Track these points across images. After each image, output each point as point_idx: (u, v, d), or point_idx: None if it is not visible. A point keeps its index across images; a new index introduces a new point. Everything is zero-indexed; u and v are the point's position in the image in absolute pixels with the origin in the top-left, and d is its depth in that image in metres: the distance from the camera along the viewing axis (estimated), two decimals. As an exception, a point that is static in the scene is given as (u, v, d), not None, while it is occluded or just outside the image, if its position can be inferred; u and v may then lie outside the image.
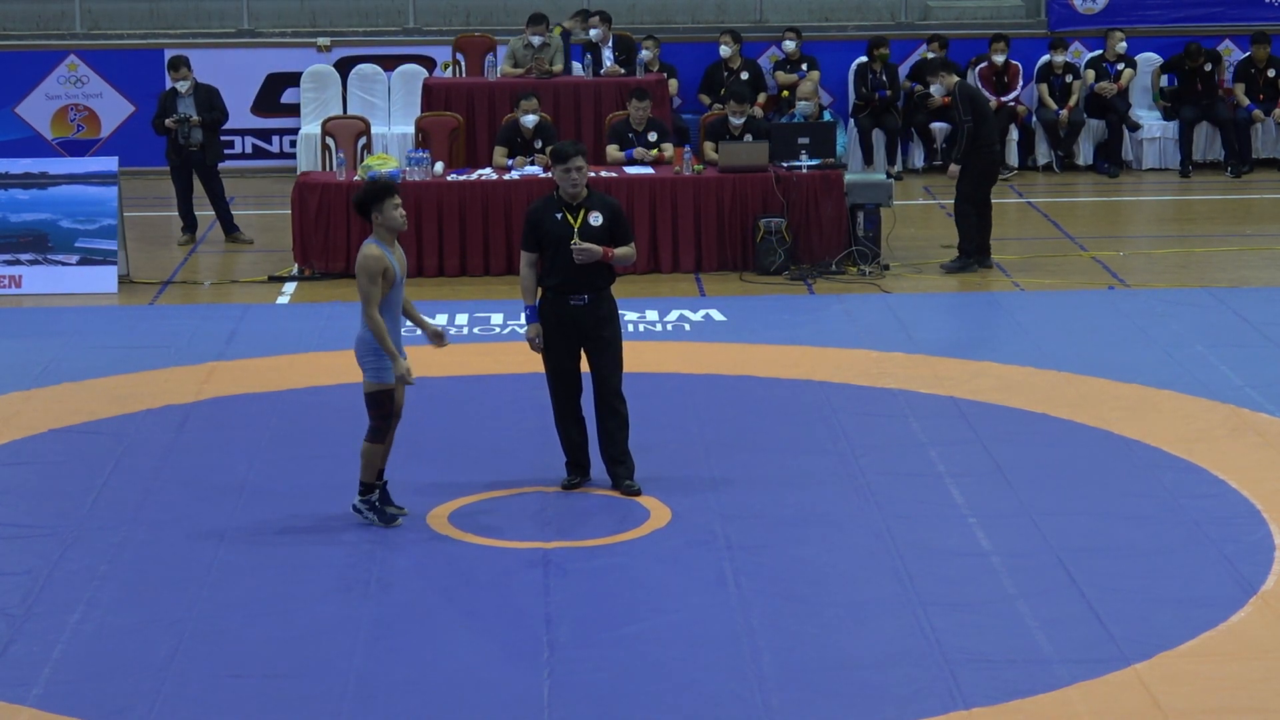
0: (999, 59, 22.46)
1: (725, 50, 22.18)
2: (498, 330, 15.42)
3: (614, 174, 17.74)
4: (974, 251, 17.56)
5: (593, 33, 21.44)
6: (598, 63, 21.37)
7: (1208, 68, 22.76)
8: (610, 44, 21.48)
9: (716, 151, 18.03)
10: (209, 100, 18.89)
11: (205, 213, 19.27)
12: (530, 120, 18.19)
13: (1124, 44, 22.74)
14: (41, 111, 22.77)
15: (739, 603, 9.59)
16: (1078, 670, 8.73)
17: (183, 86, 18.80)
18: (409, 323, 11.12)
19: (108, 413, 13.05)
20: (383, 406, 10.70)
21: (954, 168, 17.46)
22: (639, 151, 18.22)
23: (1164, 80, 23.11)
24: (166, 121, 18.78)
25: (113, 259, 17.32)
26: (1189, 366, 13.91)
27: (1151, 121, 22.93)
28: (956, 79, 17.69)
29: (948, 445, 12.13)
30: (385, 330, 10.57)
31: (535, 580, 9.99)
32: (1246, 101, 22.82)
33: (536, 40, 20.96)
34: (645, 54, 21.65)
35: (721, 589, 9.80)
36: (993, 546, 10.34)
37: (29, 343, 15.10)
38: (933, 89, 17.83)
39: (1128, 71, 22.76)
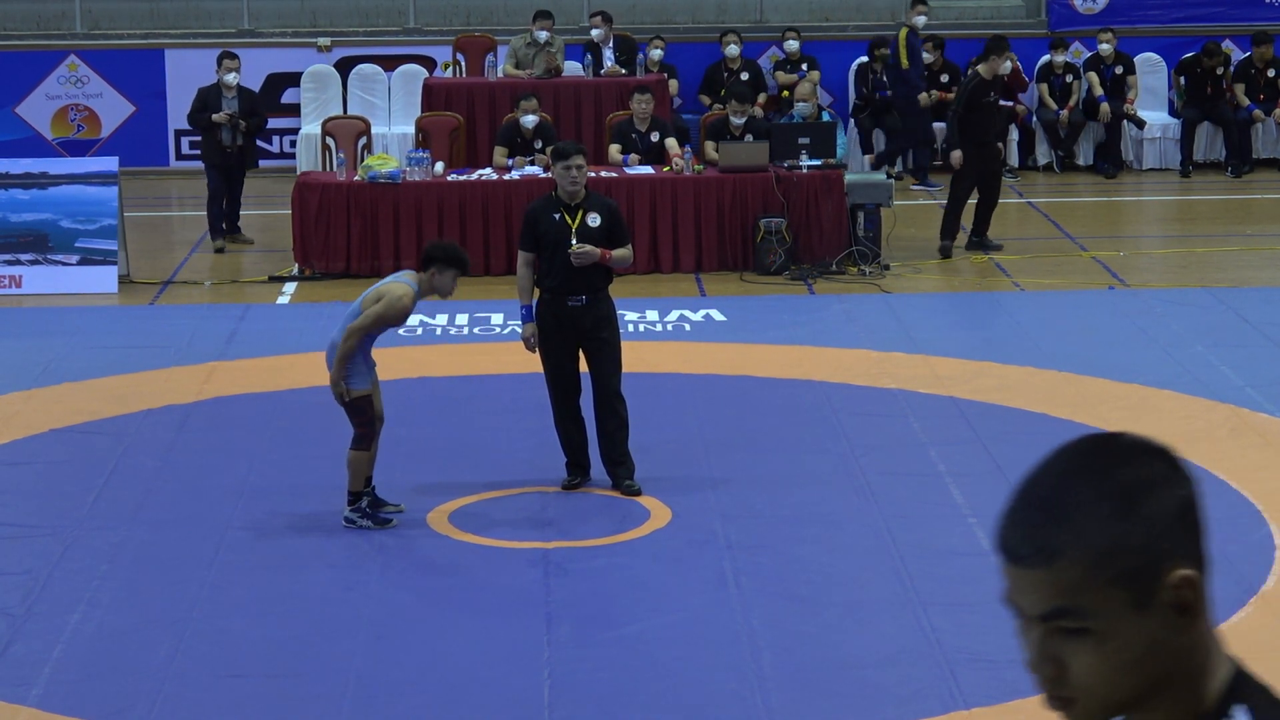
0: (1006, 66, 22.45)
1: (733, 50, 22.17)
2: (498, 330, 15.42)
3: (614, 174, 17.73)
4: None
5: (594, 33, 21.44)
6: (598, 63, 21.36)
7: (1219, 70, 22.75)
8: (611, 44, 21.48)
9: (717, 151, 18.03)
10: (251, 104, 18.75)
11: (197, 213, 19.18)
12: (530, 120, 18.18)
13: (1108, 46, 22.62)
14: (41, 111, 22.76)
15: (739, 603, 9.60)
16: (1078, 670, 8.72)
17: (231, 79, 18.54)
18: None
19: (108, 413, 13.05)
20: (364, 413, 10.70)
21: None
22: (633, 158, 18.15)
23: (1181, 81, 23.05)
24: (215, 116, 18.41)
25: (113, 259, 17.31)
26: (1189, 366, 13.90)
27: (1155, 120, 22.90)
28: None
29: (948, 445, 12.13)
30: (350, 357, 10.56)
31: (535, 580, 9.99)
32: (1247, 101, 22.82)
33: (543, 36, 20.91)
34: (656, 53, 21.68)
35: (721, 589, 9.80)
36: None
37: (29, 343, 15.09)
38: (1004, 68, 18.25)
39: (1133, 78, 22.67)
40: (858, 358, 14.30)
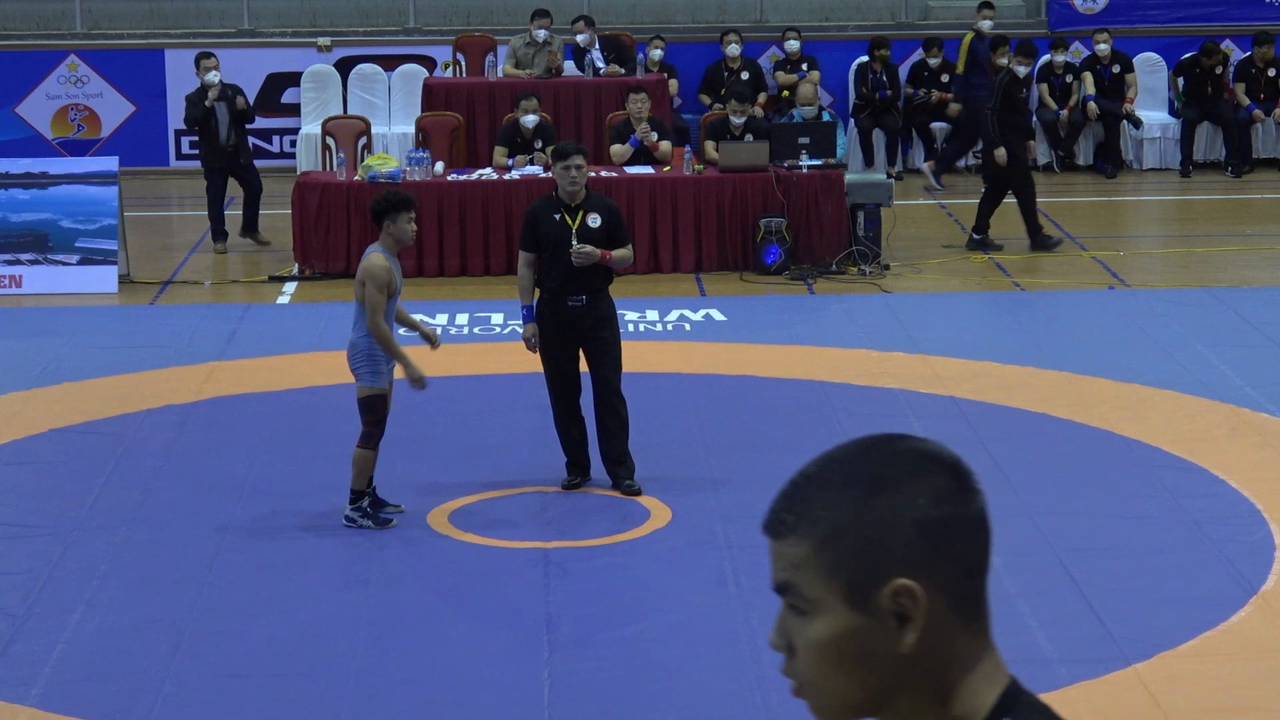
0: (1003, 62, 22.44)
1: (734, 49, 22.17)
2: (498, 330, 15.42)
3: (614, 174, 17.73)
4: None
5: (579, 38, 21.40)
6: (592, 66, 21.34)
7: (1218, 70, 22.75)
8: (597, 46, 21.44)
9: (718, 151, 18.01)
10: (236, 92, 18.67)
11: (200, 213, 19.16)
12: (530, 120, 18.17)
13: (1105, 45, 22.59)
14: (41, 111, 22.76)
15: (739, 603, 9.59)
16: (1078, 670, 8.73)
17: (213, 77, 18.41)
18: (403, 329, 11.18)
19: (108, 413, 13.05)
20: (376, 411, 10.73)
21: (1001, 152, 18.02)
22: (641, 128, 18.04)
23: (1179, 82, 23.02)
24: (208, 100, 18.13)
25: (113, 259, 17.31)
26: (1189, 366, 13.90)
27: (1155, 120, 22.88)
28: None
29: (948, 445, 12.08)
30: (391, 337, 10.64)
31: (535, 580, 9.99)
32: (1247, 101, 22.81)
33: (541, 35, 20.88)
34: (656, 53, 21.69)
35: (721, 589, 9.80)
36: (993, 546, 10.31)
37: (29, 343, 15.09)
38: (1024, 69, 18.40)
39: (1131, 76, 22.66)
40: (858, 358, 14.30)
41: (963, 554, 2.40)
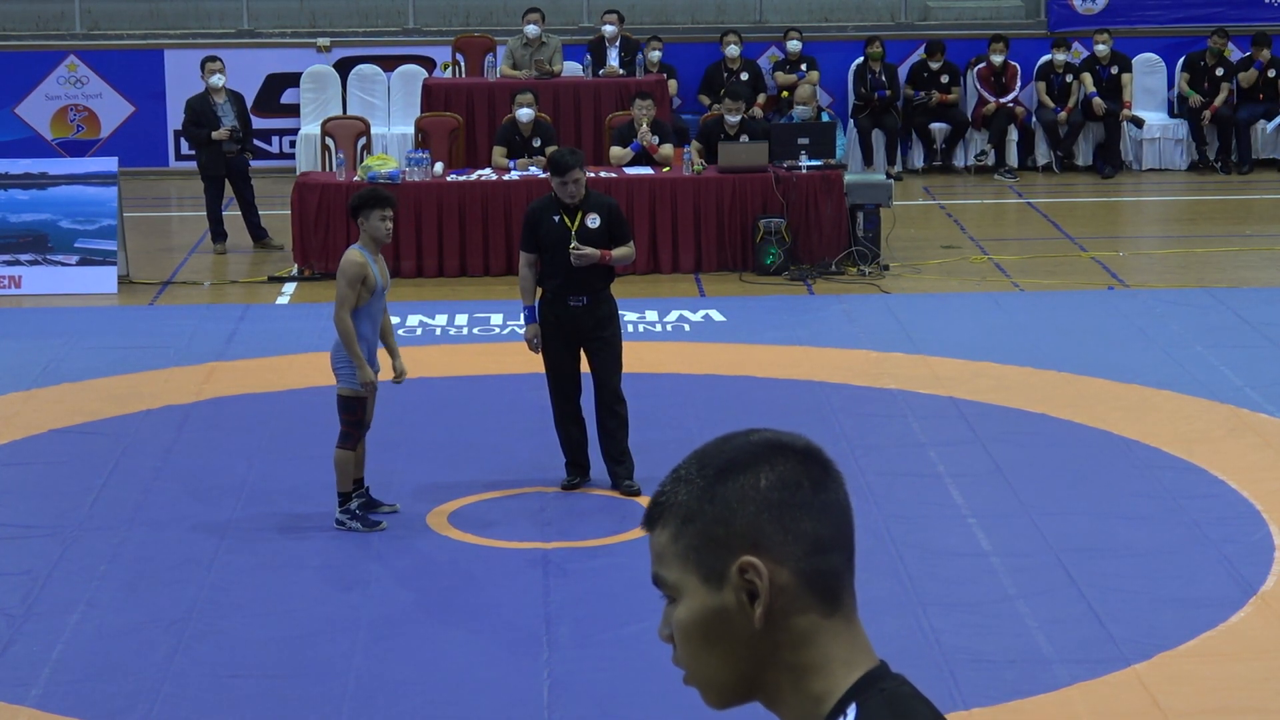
0: (997, 59, 22.45)
1: (734, 50, 22.17)
2: (498, 330, 15.42)
3: (614, 174, 17.72)
4: None
5: (606, 29, 21.42)
6: (599, 62, 21.35)
7: (1220, 71, 22.74)
8: (619, 44, 21.46)
9: (702, 156, 18.01)
10: (240, 106, 18.65)
11: (199, 213, 19.18)
12: (525, 114, 18.14)
13: (1104, 46, 22.58)
14: (41, 111, 22.74)
15: (739, 603, 9.59)
16: (1078, 670, 8.73)
17: (217, 81, 18.40)
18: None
19: (108, 413, 13.05)
20: (354, 412, 10.73)
21: None
22: (642, 132, 18.03)
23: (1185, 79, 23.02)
24: (215, 134, 18.14)
25: (113, 259, 17.30)
26: (1189, 366, 13.90)
27: (1155, 120, 22.88)
28: None
29: (948, 445, 12.12)
30: (354, 335, 10.63)
31: (535, 580, 10.00)
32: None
33: (533, 30, 20.85)
34: (655, 55, 21.70)
35: (721, 589, 9.79)
36: (993, 546, 10.34)
37: (29, 343, 15.08)
38: None
39: (1127, 77, 22.67)
40: (857, 358, 14.30)
41: (810, 533, 2.45)
